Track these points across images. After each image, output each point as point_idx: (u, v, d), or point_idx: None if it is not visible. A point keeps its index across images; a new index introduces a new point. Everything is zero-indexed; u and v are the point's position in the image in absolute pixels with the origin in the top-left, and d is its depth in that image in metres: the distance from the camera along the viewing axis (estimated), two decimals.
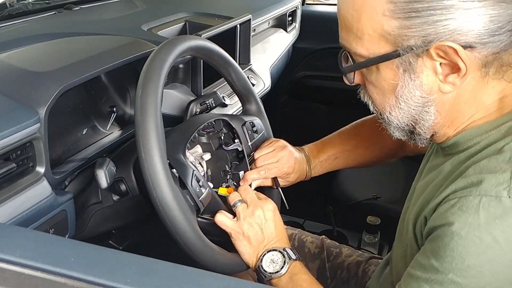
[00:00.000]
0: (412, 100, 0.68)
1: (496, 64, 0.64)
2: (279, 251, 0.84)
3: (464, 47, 0.61)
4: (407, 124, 0.72)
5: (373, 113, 0.77)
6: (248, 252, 0.86)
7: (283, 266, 0.83)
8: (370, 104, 0.75)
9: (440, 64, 0.64)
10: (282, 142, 1.06)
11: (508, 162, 0.62)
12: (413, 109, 0.69)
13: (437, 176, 0.73)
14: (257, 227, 0.85)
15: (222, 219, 0.86)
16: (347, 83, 0.75)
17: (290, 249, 0.86)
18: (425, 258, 0.65)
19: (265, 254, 0.84)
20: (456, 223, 0.61)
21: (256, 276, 1.11)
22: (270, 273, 0.83)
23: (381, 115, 0.74)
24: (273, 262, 0.84)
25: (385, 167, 1.90)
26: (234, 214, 0.88)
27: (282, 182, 1.05)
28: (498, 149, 0.64)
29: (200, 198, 0.83)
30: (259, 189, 1.04)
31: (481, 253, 0.60)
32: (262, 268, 0.84)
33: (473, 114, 0.69)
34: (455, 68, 0.63)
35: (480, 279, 0.60)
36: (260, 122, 1.08)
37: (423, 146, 0.77)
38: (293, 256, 0.85)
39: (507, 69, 0.65)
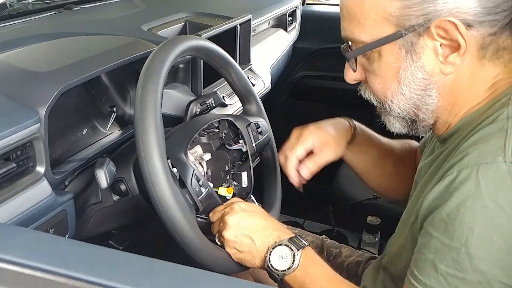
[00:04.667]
0: (415, 83, 0.69)
1: (492, 47, 0.67)
2: (285, 245, 0.79)
3: (463, 24, 0.64)
4: (408, 112, 0.73)
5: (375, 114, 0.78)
6: (248, 259, 0.82)
7: (293, 260, 0.77)
8: (371, 98, 0.76)
9: (441, 45, 0.66)
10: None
11: (501, 131, 0.63)
12: (415, 94, 0.70)
13: (437, 163, 0.74)
14: (238, 235, 0.81)
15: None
16: (349, 80, 0.77)
17: (295, 237, 0.81)
18: (433, 238, 0.65)
19: (271, 251, 0.79)
20: (459, 195, 0.62)
21: (256, 275, 1.11)
22: (282, 270, 0.78)
23: (382, 105, 0.75)
24: (282, 258, 0.78)
25: None
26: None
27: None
28: (492, 121, 0.66)
29: (200, 198, 0.83)
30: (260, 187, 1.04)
31: (488, 220, 0.60)
32: (273, 267, 0.78)
33: (471, 99, 0.71)
34: (454, 48, 0.66)
35: (491, 246, 0.61)
36: (265, 123, 1.07)
37: (424, 135, 0.78)
38: (302, 244, 0.79)
39: (503, 53, 0.68)
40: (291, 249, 0.78)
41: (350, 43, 0.73)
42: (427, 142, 0.92)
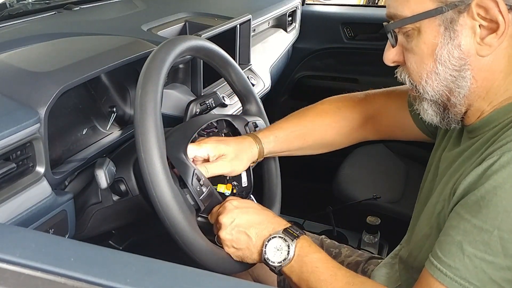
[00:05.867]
0: (450, 62, 0.70)
1: None
2: (279, 236, 0.79)
3: (506, 4, 0.64)
4: (441, 95, 0.73)
5: None
6: (247, 255, 0.82)
7: (289, 251, 0.78)
8: (406, 79, 0.77)
9: (480, 26, 0.67)
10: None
11: None
12: (449, 75, 0.71)
13: (470, 152, 0.73)
14: (234, 233, 0.81)
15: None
16: (388, 61, 0.78)
17: (290, 227, 0.81)
18: (463, 220, 0.65)
19: (266, 244, 0.79)
20: (499, 178, 0.61)
21: (255, 275, 1.11)
22: (279, 262, 0.78)
23: (416, 88, 0.76)
24: (278, 250, 0.79)
25: (385, 167, 1.91)
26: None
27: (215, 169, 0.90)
28: None
29: (201, 198, 0.83)
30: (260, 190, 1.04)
31: None
32: (270, 260, 0.79)
33: (507, 87, 0.71)
34: (492, 30, 0.66)
35: None
36: (263, 123, 1.07)
37: (455, 126, 0.77)
38: (296, 234, 0.80)
39: None
40: (285, 240, 0.79)
41: (392, 21, 0.74)
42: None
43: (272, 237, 0.80)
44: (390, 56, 0.78)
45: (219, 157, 0.90)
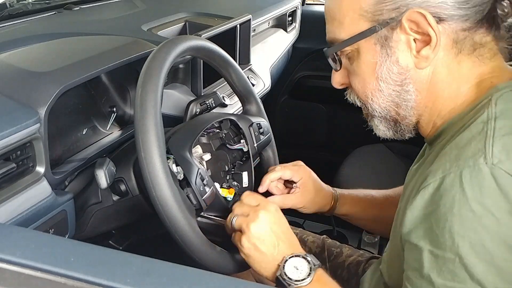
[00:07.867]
0: (391, 78, 0.71)
1: (468, 42, 0.69)
2: (303, 257, 0.78)
3: (434, 17, 0.66)
4: (389, 111, 0.75)
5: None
6: (259, 260, 0.80)
7: (309, 273, 0.77)
8: (356, 100, 0.79)
9: (414, 40, 0.69)
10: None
11: (481, 133, 0.62)
12: (393, 90, 0.72)
13: (423, 167, 0.73)
14: (266, 234, 0.79)
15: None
16: (335, 84, 0.81)
17: (309, 255, 0.80)
18: (425, 252, 0.63)
19: (287, 260, 0.78)
20: (446, 203, 0.60)
21: (257, 275, 1.11)
22: (295, 280, 0.76)
23: (365, 106, 0.77)
24: (297, 269, 0.77)
25: (385, 167, 1.90)
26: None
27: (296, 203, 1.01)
28: (472, 124, 0.65)
29: (204, 197, 0.83)
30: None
31: (477, 225, 0.59)
32: (286, 275, 0.77)
33: (453, 97, 0.71)
34: (426, 42, 0.68)
35: (485, 252, 0.59)
36: (267, 124, 1.08)
37: (410, 135, 0.78)
38: (317, 262, 0.79)
39: (482, 50, 0.69)
40: (309, 262, 0.78)
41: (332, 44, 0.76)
42: None
43: (295, 255, 0.79)
44: (337, 79, 0.80)
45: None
